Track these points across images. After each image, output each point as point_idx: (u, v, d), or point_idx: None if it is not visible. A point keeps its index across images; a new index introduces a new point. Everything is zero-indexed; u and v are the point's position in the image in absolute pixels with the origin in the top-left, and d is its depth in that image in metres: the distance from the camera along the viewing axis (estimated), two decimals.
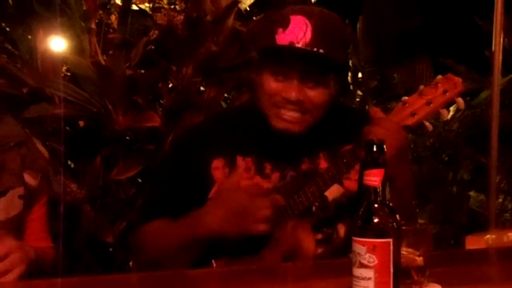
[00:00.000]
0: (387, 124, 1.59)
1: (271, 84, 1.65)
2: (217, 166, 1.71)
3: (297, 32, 1.61)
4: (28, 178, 1.70)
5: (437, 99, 1.60)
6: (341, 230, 1.72)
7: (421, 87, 1.63)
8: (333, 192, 1.69)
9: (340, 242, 1.71)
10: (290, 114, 1.65)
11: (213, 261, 1.66)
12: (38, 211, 1.76)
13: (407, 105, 1.61)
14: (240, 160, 1.70)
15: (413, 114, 1.60)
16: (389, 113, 1.63)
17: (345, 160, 1.62)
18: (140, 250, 1.78)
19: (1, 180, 1.65)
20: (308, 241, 1.69)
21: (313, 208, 1.68)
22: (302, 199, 1.63)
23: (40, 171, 1.73)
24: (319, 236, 1.72)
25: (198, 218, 1.61)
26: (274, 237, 1.65)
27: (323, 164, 1.72)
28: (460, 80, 1.62)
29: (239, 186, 1.64)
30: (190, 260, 1.65)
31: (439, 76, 1.63)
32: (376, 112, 1.64)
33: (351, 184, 1.71)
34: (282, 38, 1.62)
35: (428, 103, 1.59)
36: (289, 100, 1.63)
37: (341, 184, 1.70)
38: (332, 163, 1.65)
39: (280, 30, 1.63)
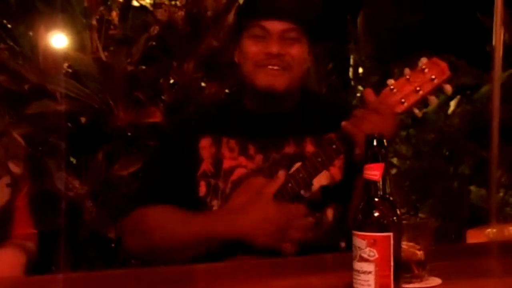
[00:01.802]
0: (382, 109, 1.60)
1: (252, 46, 1.71)
2: (205, 146, 1.74)
3: None
4: (12, 167, 1.73)
5: (426, 86, 1.60)
6: (329, 214, 1.74)
7: (407, 70, 1.62)
8: (320, 177, 1.70)
9: (329, 226, 1.73)
10: (273, 69, 1.69)
11: None
12: (23, 199, 1.78)
13: (394, 90, 1.61)
14: (224, 141, 1.73)
15: (402, 102, 1.60)
16: (378, 97, 1.63)
17: (334, 146, 1.64)
18: (137, 234, 1.71)
19: None
20: (301, 223, 1.69)
21: (301, 192, 1.69)
22: (291, 184, 1.64)
23: (22, 159, 1.77)
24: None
25: (232, 220, 1.62)
26: None
27: (309, 148, 1.74)
28: (446, 65, 1.61)
29: (274, 193, 1.63)
30: (194, 255, 1.64)
31: (425, 59, 1.62)
32: (369, 94, 1.66)
33: (335, 171, 1.74)
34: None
35: (417, 90, 1.59)
36: (270, 53, 1.68)
37: (328, 170, 1.71)
38: (321, 149, 1.66)
39: None
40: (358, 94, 4.28)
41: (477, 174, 3.91)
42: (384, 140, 1.14)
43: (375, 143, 1.14)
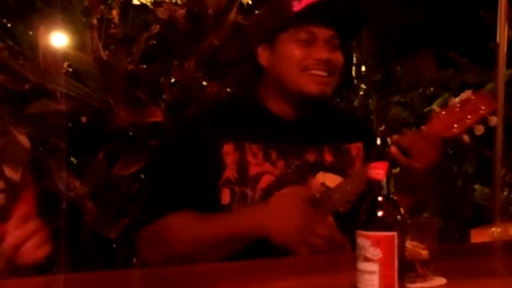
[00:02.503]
0: (430, 134, 1.66)
1: (296, 51, 1.70)
2: (228, 151, 1.69)
3: None
4: (8, 172, 1.64)
5: (475, 115, 1.67)
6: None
7: (455, 99, 1.70)
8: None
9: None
10: (321, 74, 1.70)
11: None
12: (25, 207, 1.69)
13: (443, 117, 1.68)
14: (247, 146, 1.70)
15: (454, 127, 1.67)
16: (428, 122, 1.69)
17: None
18: (157, 246, 1.68)
19: None
20: (340, 238, 1.69)
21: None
22: (339, 195, 1.65)
23: (21, 163, 1.68)
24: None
25: (259, 217, 1.61)
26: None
27: (328, 157, 1.75)
28: (492, 98, 1.76)
29: (309, 198, 1.63)
30: (218, 257, 1.62)
31: (470, 92, 1.71)
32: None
33: None
34: (298, 5, 1.69)
35: (468, 118, 1.67)
36: (320, 59, 1.69)
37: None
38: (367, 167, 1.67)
39: (295, 2, 1.70)
40: (361, 93, 4.28)
41: (481, 173, 3.91)
42: (388, 139, 1.14)
43: (378, 142, 1.13)
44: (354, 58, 4.34)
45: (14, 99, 2.74)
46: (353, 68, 4.38)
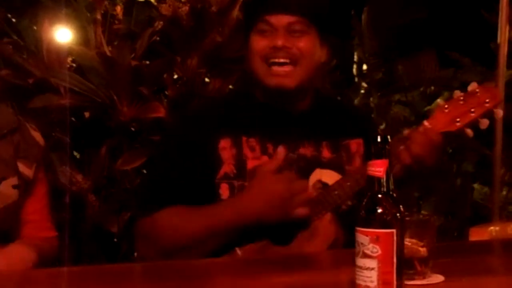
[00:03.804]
0: (432, 133, 1.63)
1: (259, 42, 1.69)
2: (225, 146, 1.69)
3: None
4: (22, 168, 1.66)
5: (479, 108, 1.64)
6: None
7: (458, 93, 1.66)
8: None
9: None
10: (281, 68, 1.68)
11: (237, 249, 1.64)
12: (39, 202, 1.73)
13: (447, 110, 1.64)
14: (244, 140, 1.70)
15: (456, 121, 1.63)
16: (430, 116, 1.66)
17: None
18: (151, 240, 1.68)
19: None
20: (341, 234, 1.69)
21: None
22: (338, 192, 1.64)
23: (35, 160, 1.69)
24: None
25: (238, 204, 1.61)
26: (310, 230, 1.65)
27: (326, 153, 1.74)
28: (498, 91, 1.66)
29: (276, 172, 1.62)
30: (211, 249, 1.62)
31: (475, 84, 1.67)
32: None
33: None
34: None
35: (471, 112, 1.63)
36: (275, 46, 1.66)
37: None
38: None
39: None
40: (362, 91, 4.28)
41: (481, 172, 3.90)
42: (388, 137, 1.14)
43: (379, 140, 1.13)
44: (356, 56, 4.34)
45: (18, 94, 2.75)
46: (355, 66, 4.38)
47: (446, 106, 1.64)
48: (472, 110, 1.63)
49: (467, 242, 2.16)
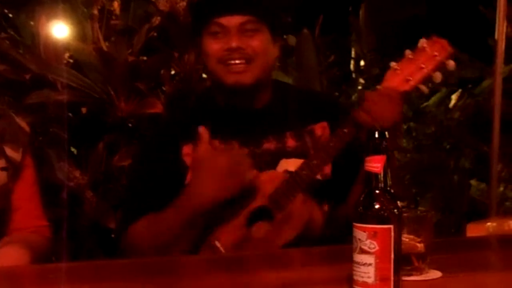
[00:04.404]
0: (388, 91, 1.62)
1: (213, 44, 1.71)
2: (187, 152, 1.73)
3: None
4: (9, 151, 1.68)
5: (429, 63, 1.62)
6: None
7: (408, 51, 1.64)
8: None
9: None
10: (236, 65, 1.70)
11: (216, 242, 1.66)
12: (29, 189, 1.75)
13: (398, 71, 1.63)
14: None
15: (407, 80, 1.62)
16: (382, 80, 1.65)
17: (346, 130, 1.65)
18: (135, 250, 1.74)
19: None
20: (318, 214, 1.71)
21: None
22: (306, 172, 1.65)
23: (21, 145, 1.72)
24: (325, 207, 1.76)
25: (190, 195, 1.63)
26: (283, 213, 1.66)
27: (291, 142, 1.76)
28: (447, 42, 1.64)
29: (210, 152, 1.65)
30: (189, 244, 1.66)
31: (423, 40, 1.65)
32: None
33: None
34: None
35: (421, 68, 1.62)
36: (230, 48, 1.68)
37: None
38: (334, 136, 1.67)
39: None
40: (360, 87, 4.27)
41: (478, 168, 3.91)
42: (386, 132, 1.14)
43: (376, 135, 1.13)
44: (353, 52, 4.34)
45: (14, 89, 2.74)
46: (352, 62, 4.38)
47: (396, 66, 1.63)
48: (423, 66, 1.62)
49: (464, 238, 2.16)
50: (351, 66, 4.39)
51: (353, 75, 4.38)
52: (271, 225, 1.67)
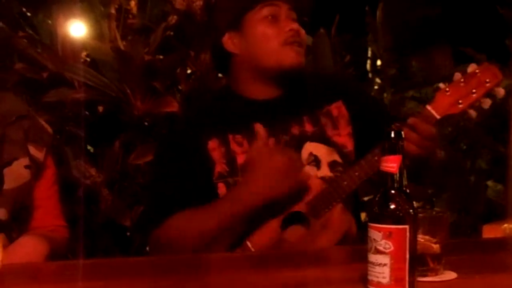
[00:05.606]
0: (432, 120, 1.62)
1: (268, 28, 1.72)
2: (214, 147, 1.73)
3: None
4: (33, 150, 1.71)
5: (480, 88, 1.62)
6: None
7: (458, 75, 1.64)
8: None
9: None
10: (298, 47, 1.73)
11: (248, 242, 1.66)
12: (50, 188, 1.77)
13: (449, 93, 1.63)
14: (231, 138, 1.73)
15: (459, 103, 1.62)
16: (431, 99, 1.65)
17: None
18: (166, 248, 1.70)
19: (6, 151, 1.67)
20: (353, 224, 1.70)
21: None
22: (347, 182, 1.65)
23: (45, 145, 1.75)
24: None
25: (242, 191, 1.63)
26: (320, 221, 1.65)
27: (308, 127, 1.76)
28: (498, 69, 1.64)
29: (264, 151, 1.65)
30: (225, 244, 1.64)
31: (474, 65, 1.65)
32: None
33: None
34: None
35: (472, 93, 1.62)
36: (292, 29, 1.71)
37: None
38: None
39: None
40: (376, 87, 4.26)
41: (494, 169, 3.89)
42: (402, 132, 1.14)
43: (392, 135, 1.13)
44: (370, 52, 4.33)
45: (32, 87, 2.76)
46: (368, 62, 4.37)
47: (447, 89, 1.63)
48: (474, 91, 1.61)
49: (480, 239, 2.15)
50: (368, 66, 4.38)
51: (370, 75, 4.37)
52: (306, 231, 1.66)
